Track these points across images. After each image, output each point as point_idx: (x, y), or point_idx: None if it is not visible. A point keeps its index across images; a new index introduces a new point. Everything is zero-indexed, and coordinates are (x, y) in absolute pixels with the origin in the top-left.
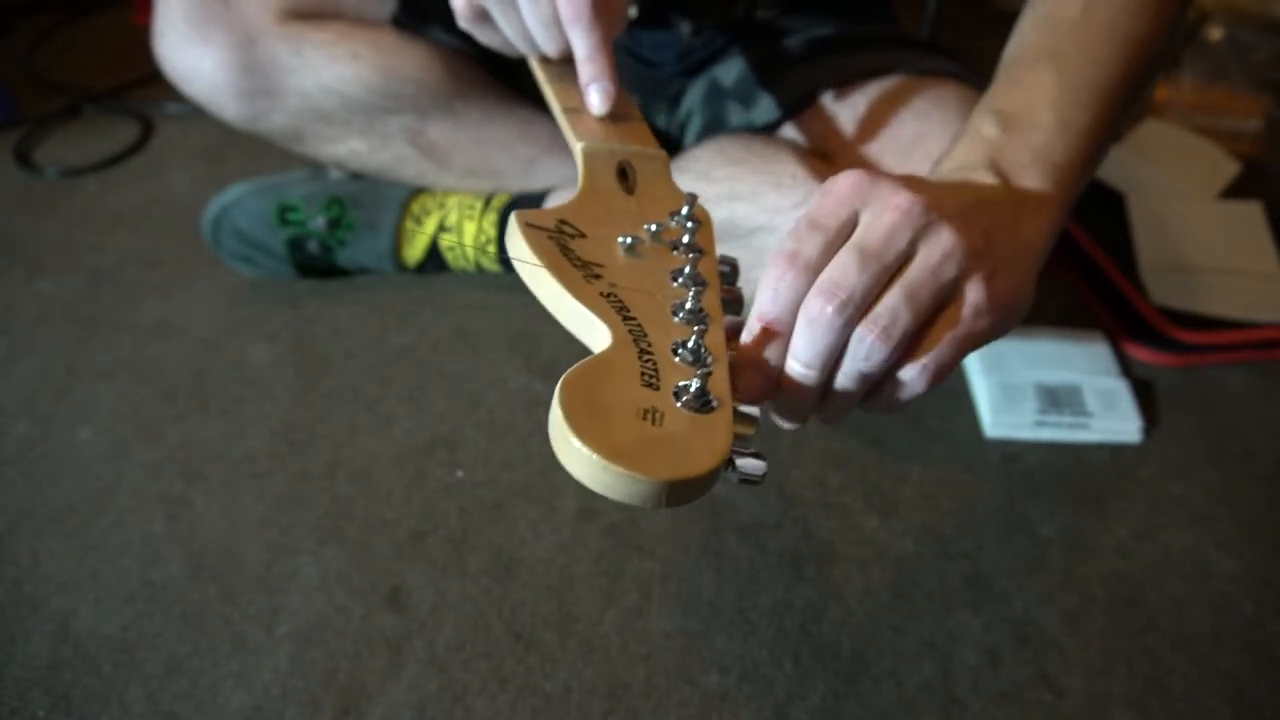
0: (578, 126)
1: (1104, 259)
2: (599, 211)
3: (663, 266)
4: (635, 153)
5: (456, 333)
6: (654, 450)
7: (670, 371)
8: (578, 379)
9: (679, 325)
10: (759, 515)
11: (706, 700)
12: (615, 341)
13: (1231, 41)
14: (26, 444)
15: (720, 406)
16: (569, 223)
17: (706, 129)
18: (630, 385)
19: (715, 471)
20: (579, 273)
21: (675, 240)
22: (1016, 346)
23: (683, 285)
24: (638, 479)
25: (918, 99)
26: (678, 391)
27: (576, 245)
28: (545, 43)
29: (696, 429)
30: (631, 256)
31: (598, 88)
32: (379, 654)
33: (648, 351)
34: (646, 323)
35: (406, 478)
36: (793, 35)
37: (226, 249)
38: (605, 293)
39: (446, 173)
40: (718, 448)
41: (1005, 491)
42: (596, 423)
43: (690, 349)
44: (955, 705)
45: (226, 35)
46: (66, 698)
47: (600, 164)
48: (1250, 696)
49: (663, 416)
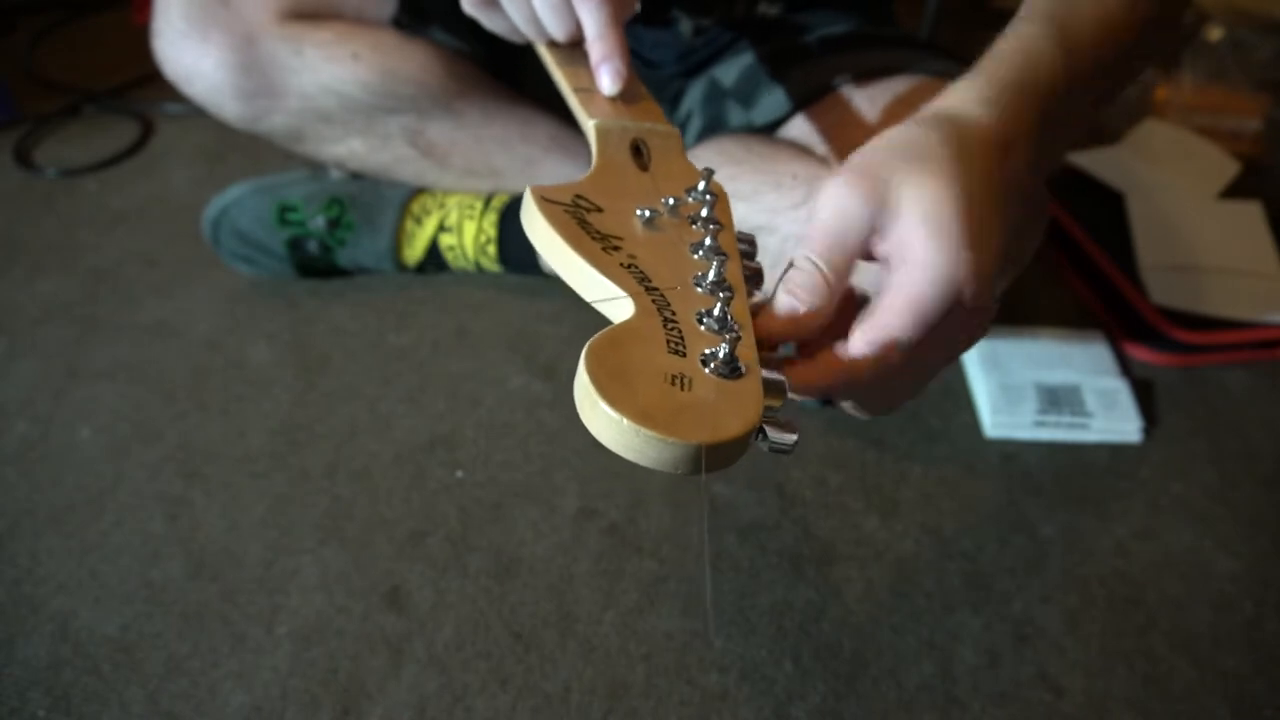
0: (589, 105)
1: (1104, 259)
2: (615, 186)
3: (682, 239)
4: (648, 130)
5: (456, 333)
6: (685, 415)
7: (696, 339)
8: (603, 345)
9: (702, 295)
10: (759, 515)
11: (706, 700)
12: (639, 310)
13: (1231, 41)
14: (26, 444)
15: (749, 373)
16: (585, 197)
17: (706, 129)
18: (657, 351)
19: (748, 436)
20: (598, 245)
21: (693, 214)
22: (1016, 346)
23: (704, 257)
24: (671, 442)
25: (918, 98)
26: (705, 358)
27: (594, 219)
28: (554, 26)
29: (726, 394)
30: (650, 229)
31: (609, 67)
32: (379, 654)
33: (672, 320)
34: (669, 293)
35: (406, 478)
36: (794, 35)
37: (226, 249)
38: (625, 264)
39: (446, 173)
40: (749, 413)
41: (1005, 491)
42: (624, 388)
43: (716, 317)
44: (955, 705)
45: (226, 35)
46: (66, 698)
47: (614, 141)
48: (1250, 696)
49: (691, 382)
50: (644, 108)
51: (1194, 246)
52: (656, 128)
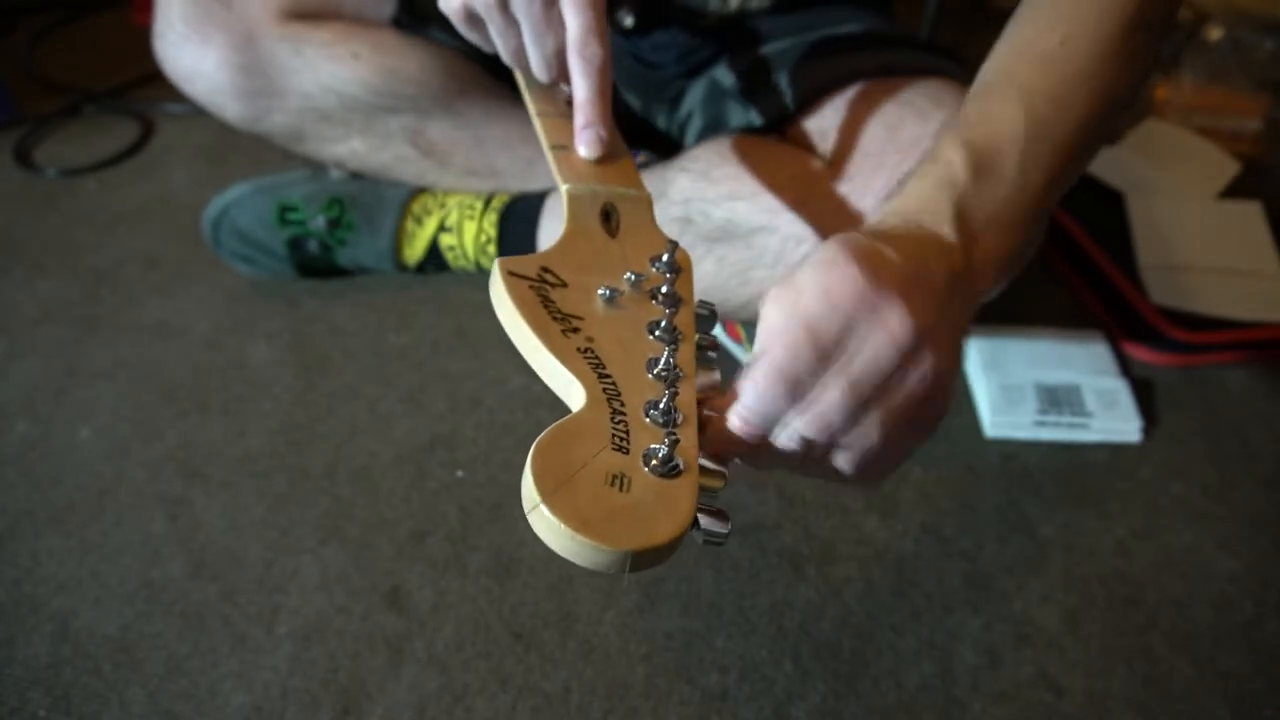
0: (563, 166)
1: (1104, 259)
2: (582, 257)
3: (640, 318)
4: (619, 194)
5: (456, 333)
6: (619, 519)
7: (641, 433)
8: (550, 445)
9: (652, 382)
10: (759, 515)
11: (706, 700)
12: (589, 401)
13: (1231, 41)
14: (26, 444)
15: (687, 471)
16: (551, 270)
17: (707, 129)
18: (601, 448)
19: (678, 540)
20: (558, 326)
21: (654, 289)
22: (1016, 346)
23: (659, 339)
24: (601, 549)
25: (919, 99)
26: (646, 455)
27: (557, 296)
28: (540, 73)
29: (661, 496)
30: (611, 308)
31: (591, 134)
32: (379, 654)
33: (620, 412)
34: (620, 380)
35: (406, 478)
36: (793, 35)
37: (226, 249)
38: (582, 348)
39: (447, 173)
40: (680, 516)
41: (1005, 491)
42: (565, 491)
43: (661, 410)
44: (955, 705)
45: (226, 35)
46: (66, 698)
47: (584, 207)
48: (1250, 696)
49: (630, 482)
50: (619, 168)
51: (1194, 246)
52: (628, 192)
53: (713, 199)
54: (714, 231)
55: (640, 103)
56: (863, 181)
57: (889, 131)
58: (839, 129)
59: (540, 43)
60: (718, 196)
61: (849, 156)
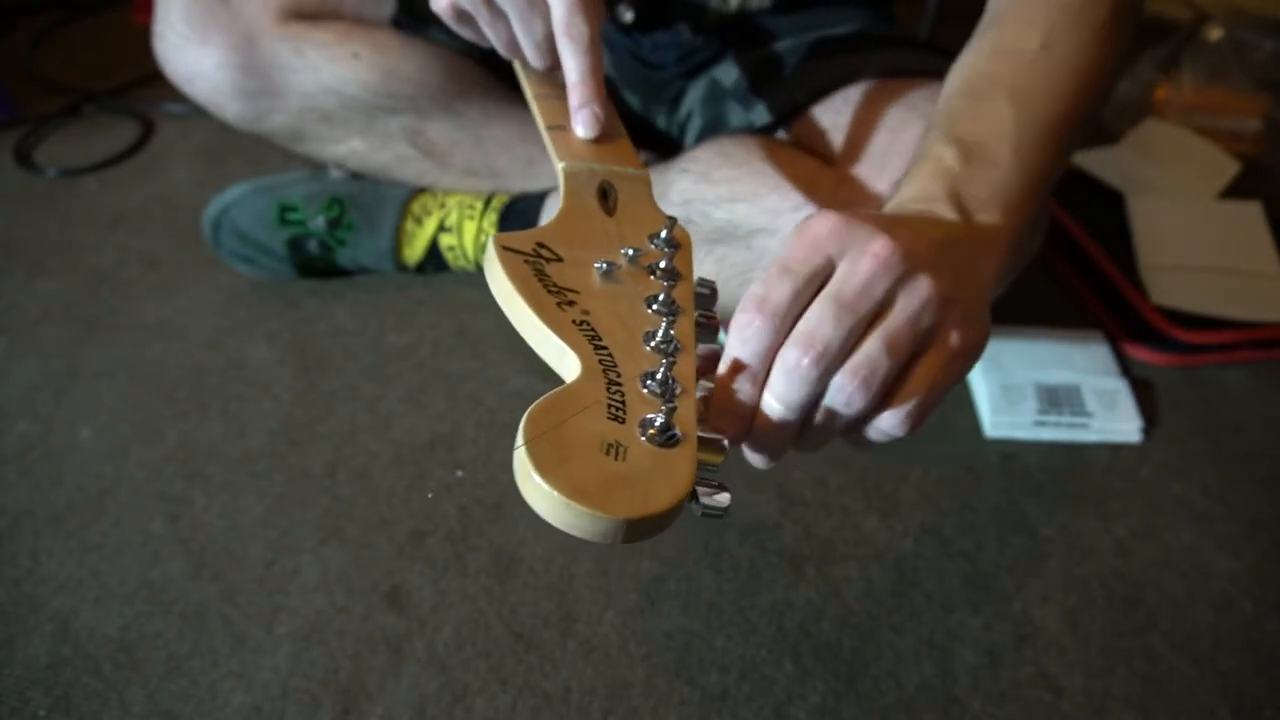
0: (560, 145)
1: (1104, 259)
2: (578, 233)
3: (638, 292)
4: (616, 173)
5: (456, 333)
6: (615, 487)
7: (637, 404)
8: (543, 413)
9: (649, 354)
10: (759, 515)
11: (706, 700)
12: (584, 371)
13: (1231, 41)
14: (26, 444)
15: (685, 440)
16: (546, 245)
17: (707, 130)
18: (596, 418)
19: (676, 508)
20: (553, 299)
21: (653, 264)
22: (1016, 346)
23: (657, 312)
24: (597, 516)
25: (921, 100)
26: (643, 424)
27: (552, 270)
28: (534, 59)
29: (659, 464)
30: (607, 282)
31: (587, 112)
32: (379, 654)
33: (616, 383)
34: (617, 352)
35: (406, 478)
36: (794, 35)
37: (226, 249)
38: (578, 320)
39: (447, 173)
40: (678, 484)
41: (1005, 491)
42: (559, 459)
43: (658, 380)
44: (955, 705)
45: (227, 36)
46: (66, 698)
47: (581, 184)
48: (1250, 696)
49: (626, 451)
50: (615, 147)
51: (1194, 246)
52: (626, 170)
53: (713, 200)
54: (714, 233)
55: (640, 103)
56: (865, 184)
57: (892, 134)
58: (841, 130)
59: (529, 29)
60: (718, 198)
61: (851, 159)
